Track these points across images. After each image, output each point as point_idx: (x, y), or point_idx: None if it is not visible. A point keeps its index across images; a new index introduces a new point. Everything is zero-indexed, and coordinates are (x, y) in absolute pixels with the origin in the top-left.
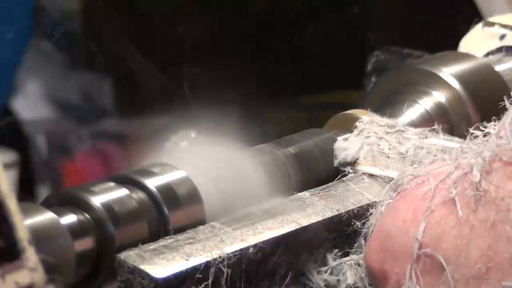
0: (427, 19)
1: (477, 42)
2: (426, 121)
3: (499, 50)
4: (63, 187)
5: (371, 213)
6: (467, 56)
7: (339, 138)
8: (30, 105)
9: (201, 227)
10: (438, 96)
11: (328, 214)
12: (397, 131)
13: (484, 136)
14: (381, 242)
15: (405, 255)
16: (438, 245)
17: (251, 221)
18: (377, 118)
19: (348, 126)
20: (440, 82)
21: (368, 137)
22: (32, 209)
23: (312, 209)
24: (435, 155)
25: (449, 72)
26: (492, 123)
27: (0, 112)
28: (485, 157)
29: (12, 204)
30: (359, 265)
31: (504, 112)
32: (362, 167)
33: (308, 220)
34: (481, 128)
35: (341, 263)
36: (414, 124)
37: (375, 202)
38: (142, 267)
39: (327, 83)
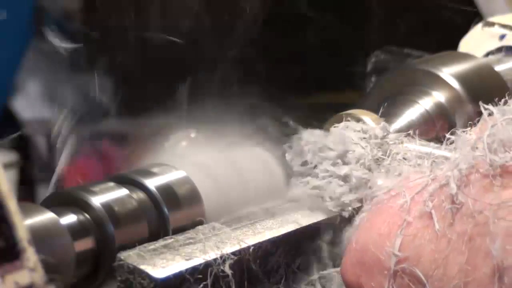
0: (427, 19)
1: (477, 42)
2: (426, 121)
3: (499, 50)
4: (63, 187)
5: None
6: (467, 56)
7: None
8: (30, 105)
9: (201, 227)
10: (438, 96)
11: (328, 215)
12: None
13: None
14: (357, 256)
15: (381, 270)
16: (415, 260)
17: (251, 221)
18: (352, 124)
19: None
20: (440, 82)
21: None
22: (32, 209)
23: (312, 209)
24: (409, 161)
25: (449, 72)
26: (468, 128)
27: (0, 112)
28: (462, 169)
29: (12, 204)
30: None
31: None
32: None
33: (308, 220)
34: (458, 133)
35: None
36: (414, 124)
37: None
38: (142, 267)
39: (327, 83)
